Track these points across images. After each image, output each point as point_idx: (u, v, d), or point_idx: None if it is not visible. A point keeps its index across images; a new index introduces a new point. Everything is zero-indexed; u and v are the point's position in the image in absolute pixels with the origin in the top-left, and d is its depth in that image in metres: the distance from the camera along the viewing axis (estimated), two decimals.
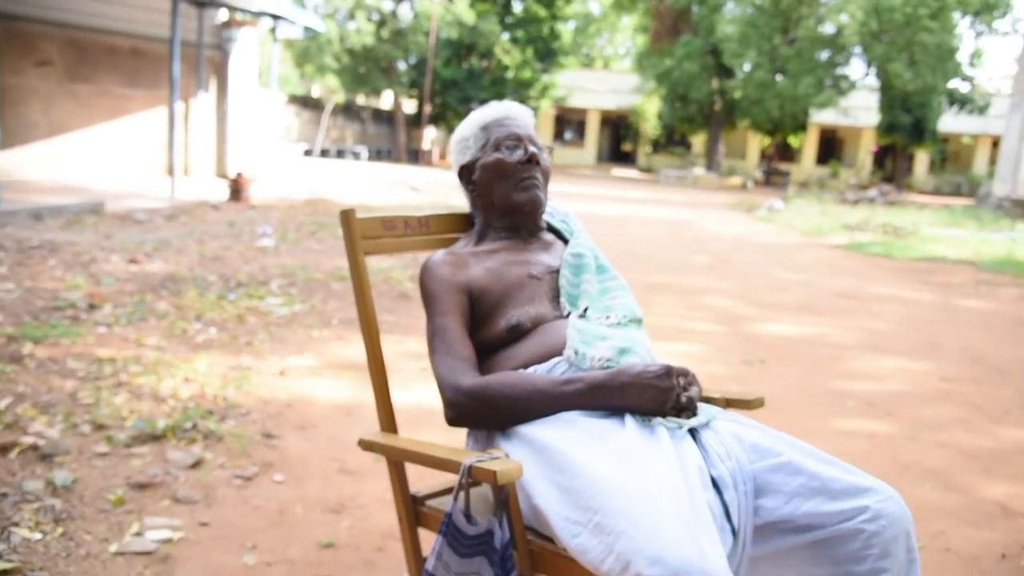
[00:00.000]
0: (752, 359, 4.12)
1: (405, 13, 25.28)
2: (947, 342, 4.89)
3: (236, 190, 10.22)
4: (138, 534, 1.91)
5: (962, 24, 25.83)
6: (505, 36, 26.40)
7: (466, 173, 1.60)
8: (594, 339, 1.38)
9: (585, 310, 1.45)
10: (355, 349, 3.80)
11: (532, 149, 1.55)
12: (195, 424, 2.60)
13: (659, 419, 1.25)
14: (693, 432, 1.28)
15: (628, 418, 1.24)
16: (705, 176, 27.35)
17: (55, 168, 11.13)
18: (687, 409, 1.26)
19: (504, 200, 1.55)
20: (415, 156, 26.72)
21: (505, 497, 1.15)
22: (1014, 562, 2.11)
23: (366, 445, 1.41)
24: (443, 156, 26.72)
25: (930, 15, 22.67)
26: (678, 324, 4.94)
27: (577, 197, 14.91)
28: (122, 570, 1.75)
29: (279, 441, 2.58)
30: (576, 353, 1.35)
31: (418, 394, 3.14)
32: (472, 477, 1.15)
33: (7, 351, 3.28)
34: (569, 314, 1.45)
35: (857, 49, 25.28)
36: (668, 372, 1.25)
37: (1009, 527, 2.32)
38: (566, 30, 29.65)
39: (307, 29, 23.42)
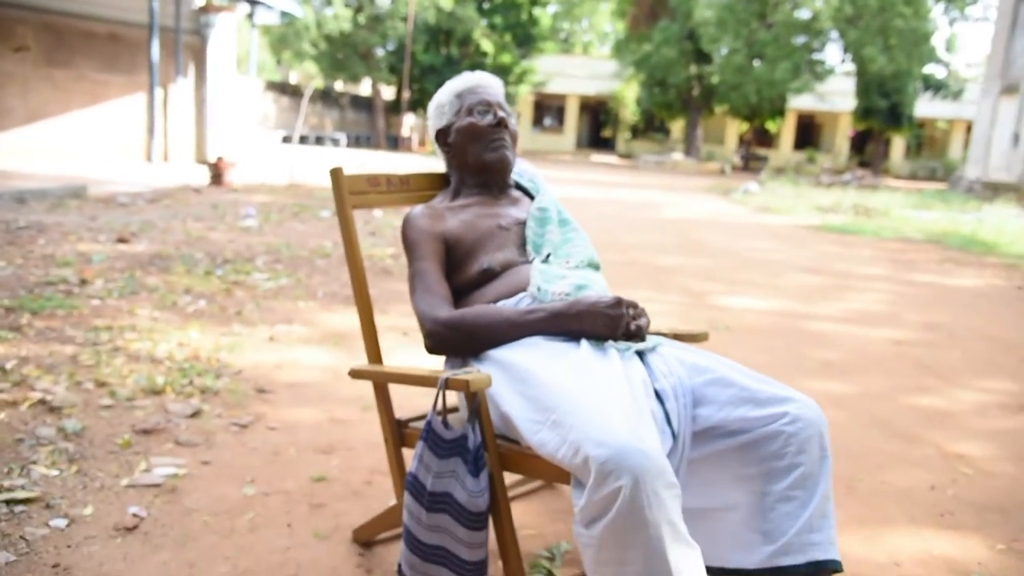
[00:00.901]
0: (718, 327, 4.34)
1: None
2: (906, 312, 5.15)
3: (217, 174, 10.29)
4: (146, 470, 2.08)
5: (936, 10, 26.23)
6: (483, 22, 26.41)
7: (442, 136, 1.79)
8: (554, 278, 1.58)
9: (548, 256, 1.65)
10: (340, 319, 3.97)
11: (501, 114, 1.75)
12: (192, 381, 2.77)
13: (611, 342, 1.44)
14: (641, 355, 1.48)
15: (583, 342, 1.43)
16: (684, 161, 27.62)
17: (34, 154, 11.13)
18: (636, 335, 1.46)
19: (476, 160, 1.74)
20: (394, 143, 26.72)
21: (477, 406, 1.34)
22: (941, 492, 2.34)
23: (356, 373, 1.60)
24: (423, 143, 26.72)
25: (904, 1, 23.01)
26: (647, 296, 5.14)
27: (556, 182, 15.07)
28: (134, 499, 1.93)
29: (271, 396, 2.76)
30: (539, 289, 1.54)
31: (399, 360, 3.32)
32: (448, 387, 1.34)
33: (6, 321, 3.42)
34: (534, 259, 1.65)
35: (834, 34, 25.59)
36: (619, 302, 1.45)
37: (942, 467, 2.55)
38: (545, 15, 29.67)
39: (284, 14, 23.34)
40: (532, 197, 1.83)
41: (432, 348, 1.53)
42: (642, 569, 1.13)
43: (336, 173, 1.69)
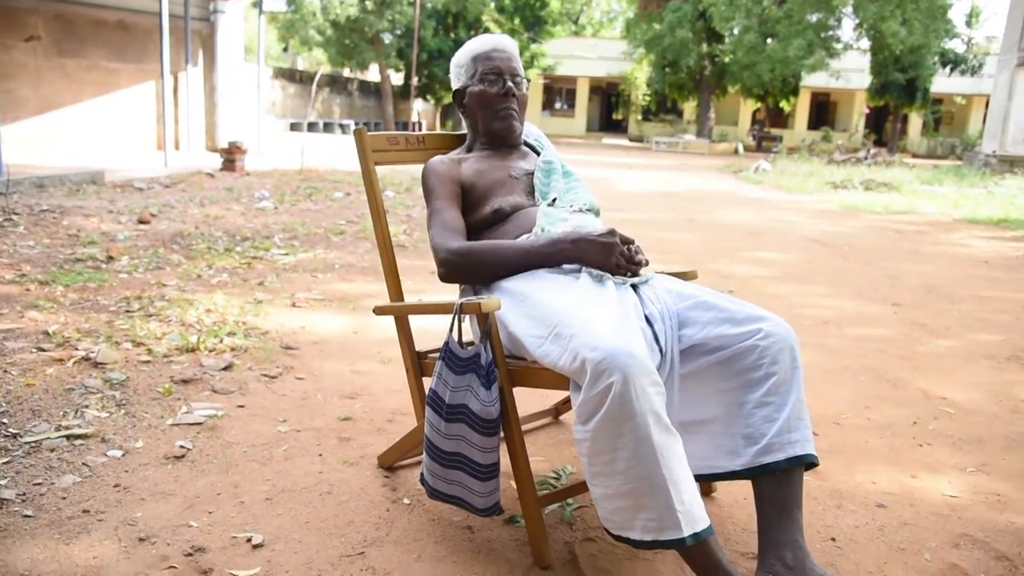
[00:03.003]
0: (722, 289, 4.50)
1: None
2: (907, 277, 5.29)
3: (230, 160, 10.48)
4: (188, 412, 2.28)
5: None
6: (492, 4, 26.43)
7: (458, 97, 1.98)
8: (557, 221, 1.75)
9: (554, 200, 1.83)
10: (358, 287, 4.16)
11: (509, 84, 1.91)
12: (222, 340, 2.97)
13: (608, 275, 1.62)
14: (635, 287, 1.66)
15: (583, 273, 1.61)
16: (696, 142, 27.56)
17: (48, 144, 11.35)
18: (631, 268, 1.63)
19: (486, 126, 1.93)
20: (404, 128, 26.87)
21: (488, 327, 1.52)
22: (922, 427, 2.51)
23: (380, 310, 1.79)
24: (431, 129, 26.84)
25: None
26: (653, 265, 5.30)
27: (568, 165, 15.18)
28: (179, 435, 2.13)
29: (297, 352, 2.95)
30: (543, 230, 1.72)
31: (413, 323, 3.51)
32: (463, 311, 1.52)
33: (42, 292, 3.63)
34: (541, 204, 1.83)
35: (848, 10, 25.33)
36: (612, 232, 1.62)
37: (925, 406, 2.72)
38: None
39: (291, 1, 23.47)
40: (538, 153, 2.00)
41: (445, 276, 1.71)
42: (632, 452, 1.31)
43: (360, 133, 1.87)
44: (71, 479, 1.84)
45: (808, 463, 1.50)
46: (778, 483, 1.49)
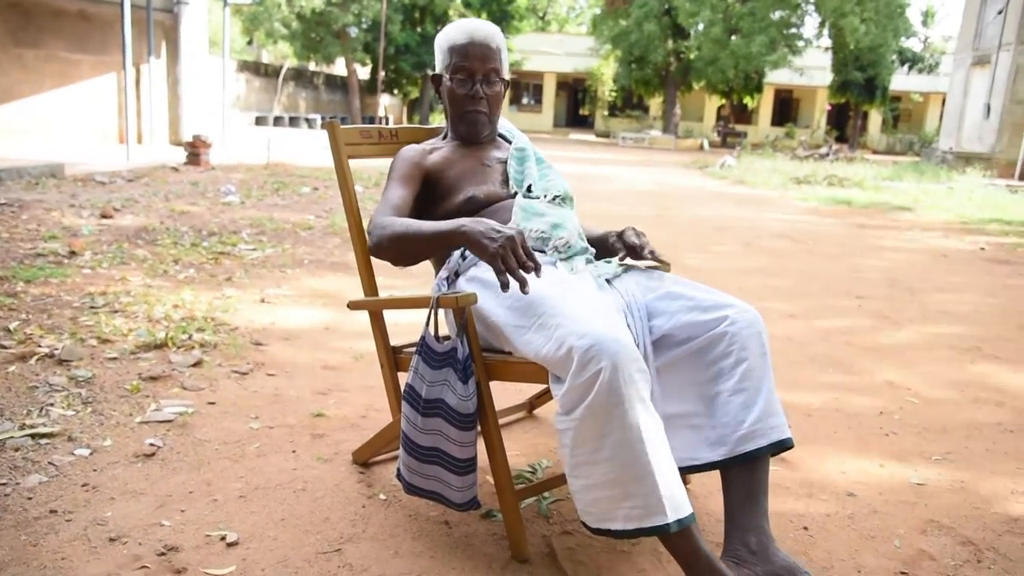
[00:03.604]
0: None
1: None
2: (870, 271, 5.39)
3: (194, 154, 10.31)
4: (157, 410, 2.24)
5: None
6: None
7: (436, 82, 1.96)
8: (533, 215, 1.75)
9: (529, 187, 1.83)
10: (327, 283, 4.12)
11: (478, 88, 1.85)
12: (191, 336, 2.92)
13: (582, 267, 1.63)
14: (608, 281, 1.68)
15: (559, 264, 1.62)
16: (662, 138, 27.79)
17: (4, 136, 11.05)
18: (515, 273, 1.43)
19: (453, 121, 1.93)
20: (371, 123, 26.63)
21: (465, 321, 1.52)
22: (888, 417, 2.56)
23: (354, 304, 1.77)
24: (399, 123, 26.67)
25: None
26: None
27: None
28: (148, 433, 2.09)
29: (267, 348, 2.91)
30: (518, 227, 1.71)
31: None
32: (439, 306, 1.51)
33: (1, 288, 3.53)
34: (516, 193, 1.82)
35: (810, 7, 25.72)
36: (507, 239, 1.44)
37: (891, 396, 2.78)
38: None
39: None
40: (511, 143, 2.00)
41: (371, 248, 1.67)
42: (618, 439, 1.32)
43: (332, 126, 1.85)
44: (37, 479, 1.80)
45: (786, 447, 1.53)
46: (748, 470, 1.51)
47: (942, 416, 2.59)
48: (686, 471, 1.59)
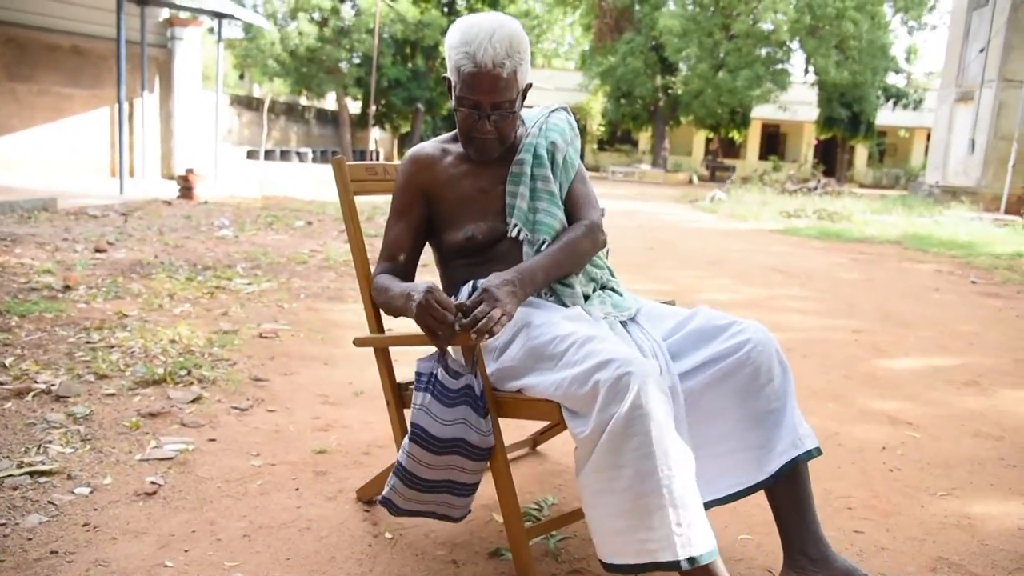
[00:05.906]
0: None
1: (347, 11, 25.33)
2: (864, 304, 5.42)
3: (187, 188, 10.31)
4: (157, 447, 2.21)
5: (894, 21, 27.09)
6: None
7: (448, 84, 1.75)
8: None
9: (519, 232, 1.73)
10: (325, 316, 4.11)
11: (483, 121, 1.67)
12: (189, 371, 2.90)
13: (598, 311, 1.65)
14: (623, 324, 1.69)
15: (578, 308, 1.64)
16: (651, 172, 28.04)
17: None
18: (441, 339, 1.48)
19: (462, 140, 1.75)
20: (361, 157, 26.78)
21: (476, 358, 1.52)
22: (891, 452, 2.56)
23: (360, 342, 1.77)
24: (388, 159, 26.83)
25: (855, 7, 23.71)
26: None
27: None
28: (149, 471, 2.06)
29: (267, 383, 2.89)
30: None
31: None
32: (454, 343, 1.51)
33: None
34: (518, 231, 1.73)
35: (796, 44, 26.24)
36: (445, 323, 1.47)
37: (892, 431, 2.78)
38: None
39: (249, 28, 23.32)
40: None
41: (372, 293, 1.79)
42: (636, 471, 1.33)
43: (339, 163, 1.86)
44: (37, 519, 1.77)
45: (817, 455, 1.58)
46: (791, 482, 1.56)
47: (944, 451, 2.59)
48: (730, 499, 1.58)
